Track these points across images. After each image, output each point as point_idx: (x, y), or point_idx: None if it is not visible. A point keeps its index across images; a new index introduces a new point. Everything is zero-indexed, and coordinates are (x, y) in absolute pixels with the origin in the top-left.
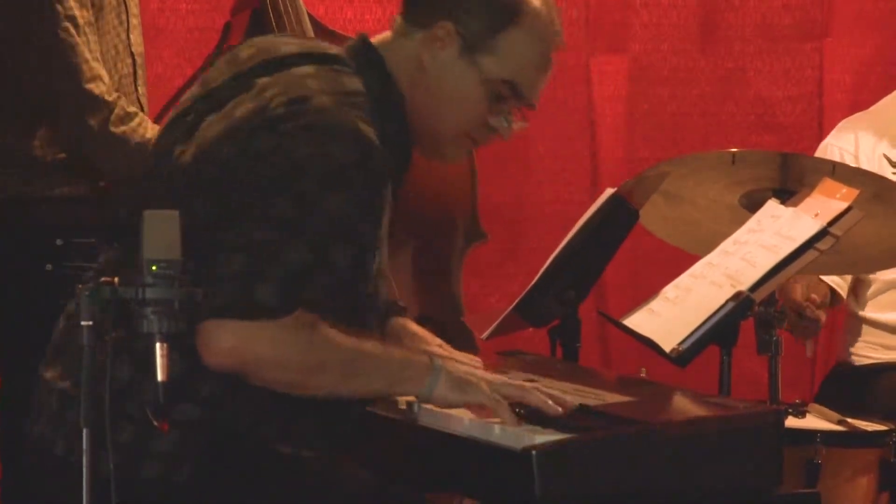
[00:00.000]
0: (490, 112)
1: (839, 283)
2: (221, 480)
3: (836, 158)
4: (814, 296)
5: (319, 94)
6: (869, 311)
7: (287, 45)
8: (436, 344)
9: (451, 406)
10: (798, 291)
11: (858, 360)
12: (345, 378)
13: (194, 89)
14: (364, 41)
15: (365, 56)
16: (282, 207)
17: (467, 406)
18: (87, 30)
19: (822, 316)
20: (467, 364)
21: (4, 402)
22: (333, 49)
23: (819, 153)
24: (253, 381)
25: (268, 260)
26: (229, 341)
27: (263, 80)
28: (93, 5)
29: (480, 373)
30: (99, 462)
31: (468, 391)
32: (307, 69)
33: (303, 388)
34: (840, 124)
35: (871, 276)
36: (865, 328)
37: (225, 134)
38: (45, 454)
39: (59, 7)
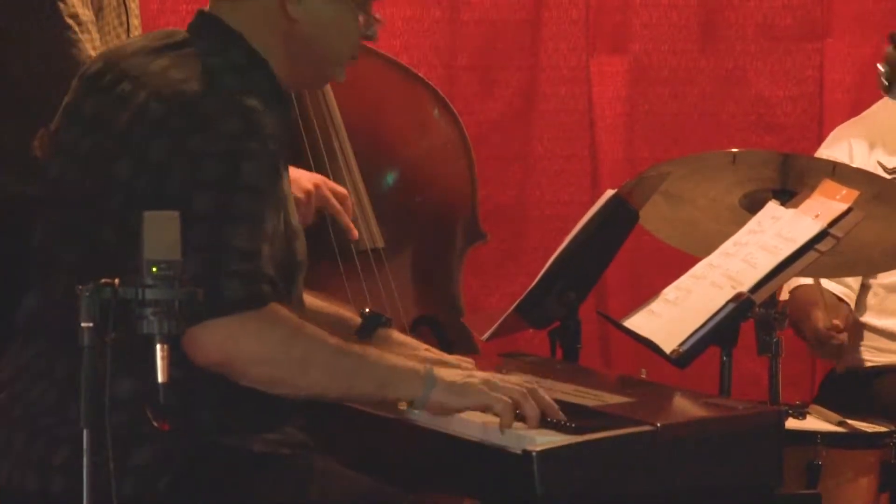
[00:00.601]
0: (363, 25)
1: (847, 293)
2: (201, 489)
3: None
4: (836, 322)
5: (188, 82)
6: (869, 317)
7: (131, 45)
8: (422, 349)
9: (448, 411)
10: (820, 320)
11: (857, 364)
12: (333, 377)
13: (61, 119)
14: (208, 17)
15: (216, 31)
16: (204, 202)
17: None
18: (89, 27)
19: (846, 338)
20: (460, 367)
21: None
22: (179, 33)
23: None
24: (240, 380)
25: (217, 254)
26: (215, 339)
27: (125, 87)
28: (93, 5)
29: (478, 374)
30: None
31: (468, 394)
32: (163, 62)
33: (291, 386)
34: (833, 133)
35: (871, 281)
36: (866, 333)
37: (113, 152)
38: (17, 496)
39: (61, 5)
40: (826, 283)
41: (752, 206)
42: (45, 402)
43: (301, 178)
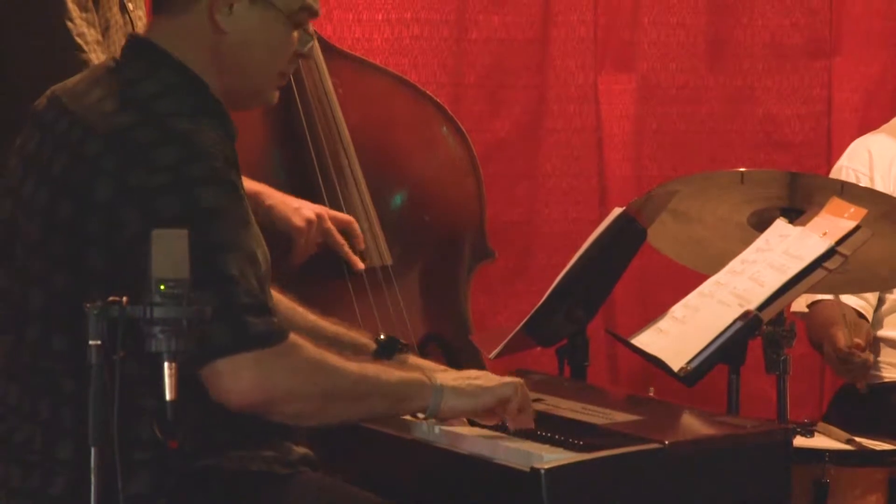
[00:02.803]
0: (297, 41)
1: (865, 306)
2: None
3: (852, 180)
4: (857, 340)
5: (120, 114)
6: (884, 332)
7: (76, 77)
8: (439, 371)
9: (463, 415)
10: (841, 339)
11: (872, 379)
12: (354, 402)
13: (11, 158)
14: (138, 40)
15: (146, 55)
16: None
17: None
18: (95, 47)
19: (870, 357)
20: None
21: None
22: (111, 62)
23: (833, 174)
24: (273, 417)
25: (222, 287)
26: (252, 378)
27: (63, 124)
28: (99, 25)
29: (473, 372)
30: None
31: (478, 395)
32: (97, 93)
33: (321, 416)
34: (853, 144)
35: (887, 296)
36: (881, 347)
37: (53, 194)
38: None
39: (70, 24)
40: (845, 298)
41: (761, 224)
42: (32, 445)
43: (302, 208)
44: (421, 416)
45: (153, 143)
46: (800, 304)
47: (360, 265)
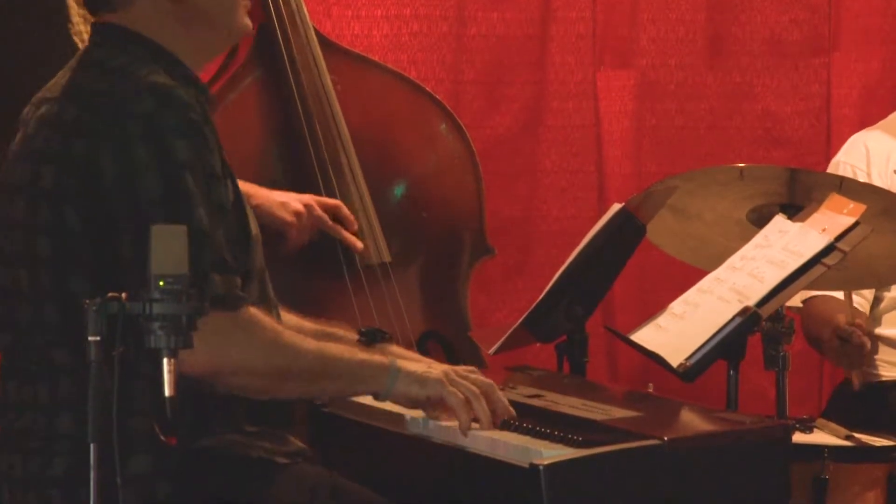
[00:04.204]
0: None
1: (861, 302)
2: (200, 496)
3: (849, 175)
4: (859, 321)
5: (97, 82)
6: (882, 329)
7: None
8: (410, 359)
9: (413, 402)
10: (842, 319)
11: (870, 377)
12: (308, 382)
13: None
14: (102, 26)
15: (114, 35)
16: (150, 186)
17: (436, 408)
18: None
19: (868, 343)
20: (423, 361)
21: None
22: (81, 49)
23: (831, 170)
24: (221, 388)
25: (193, 236)
26: (203, 346)
27: (40, 111)
28: None
29: (438, 366)
30: None
31: (427, 385)
32: (69, 75)
33: (271, 393)
34: (850, 140)
35: (885, 293)
36: (878, 346)
37: (37, 167)
38: None
39: (75, 39)
40: (841, 294)
41: (760, 220)
42: (34, 428)
43: (291, 201)
44: (411, 416)
45: (128, 98)
46: (794, 299)
47: (359, 245)
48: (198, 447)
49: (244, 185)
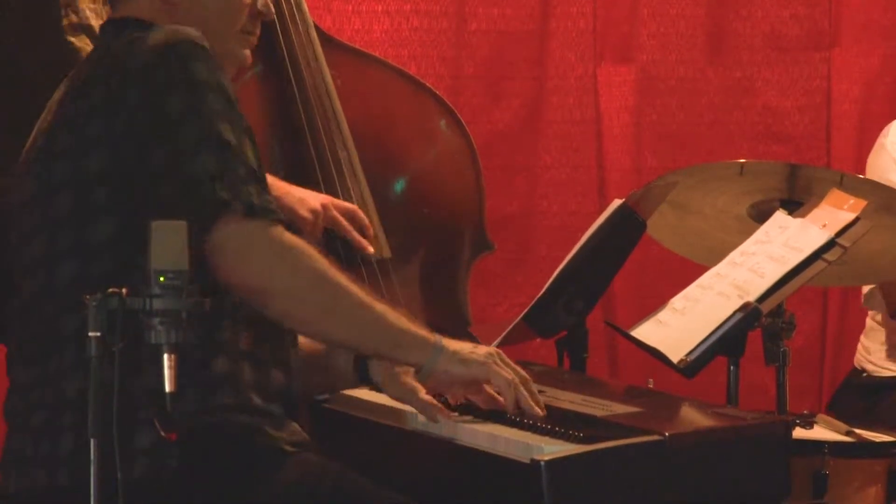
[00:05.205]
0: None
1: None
2: (212, 464)
3: None
4: None
5: (115, 54)
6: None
7: None
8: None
9: (453, 380)
10: None
11: (877, 371)
12: (350, 327)
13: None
14: (116, 20)
15: (129, 26)
16: (175, 104)
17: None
18: None
19: None
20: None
21: None
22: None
23: (874, 153)
24: (262, 308)
25: (220, 151)
26: (253, 264)
27: (63, 89)
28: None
29: (484, 347)
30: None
31: (471, 365)
32: (88, 61)
33: (308, 326)
34: (893, 123)
35: None
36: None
37: (56, 129)
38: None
39: (74, 16)
40: None
41: (760, 215)
42: (43, 402)
43: (308, 198)
44: (411, 411)
45: (144, 37)
46: (865, 289)
47: (371, 249)
48: (204, 424)
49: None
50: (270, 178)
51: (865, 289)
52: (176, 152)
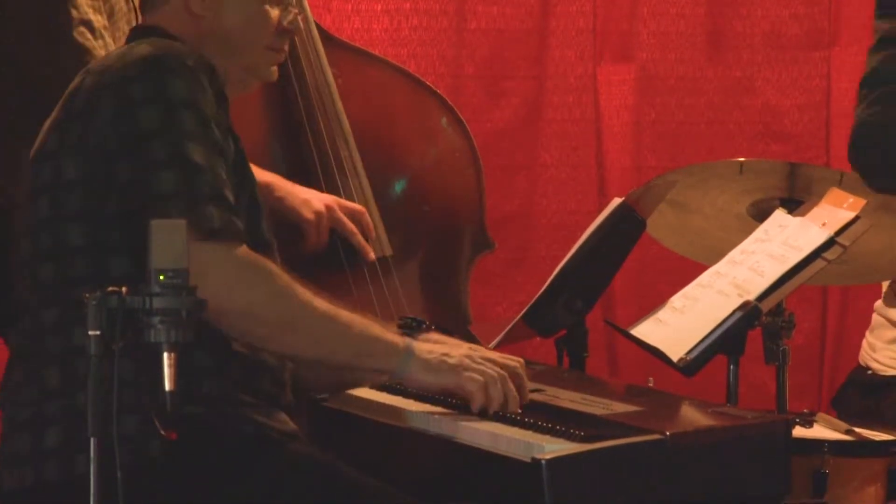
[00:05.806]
0: (280, 16)
1: None
2: (193, 452)
3: None
4: None
5: (125, 52)
6: None
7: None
8: (434, 341)
9: (425, 388)
10: None
11: (882, 370)
12: (315, 342)
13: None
14: (143, 27)
15: (157, 35)
16: (149, 118)
17: (447, 390)
18: (103, 33)
19: None
20: (446, 343)
21: None
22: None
23: None
24: (222, 326)
25: (185, 171)
26: (208, 286)
27: (84, 80)
28: (105, 11)
29: (457, 350)
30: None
31: (441, 373)
32: (119, 51)
33: (272, 343)
34: None
35: None
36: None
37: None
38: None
39: (74, 12)
40: None
41: (760, 214)
42: (30, 398)
43: (312, 200)
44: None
45: (129, 49)
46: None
47: (372, 255)
48: (188, 413)
49: (269, 177)
50: (275, 178)
51: (885, 286)
52: (141, 168)
